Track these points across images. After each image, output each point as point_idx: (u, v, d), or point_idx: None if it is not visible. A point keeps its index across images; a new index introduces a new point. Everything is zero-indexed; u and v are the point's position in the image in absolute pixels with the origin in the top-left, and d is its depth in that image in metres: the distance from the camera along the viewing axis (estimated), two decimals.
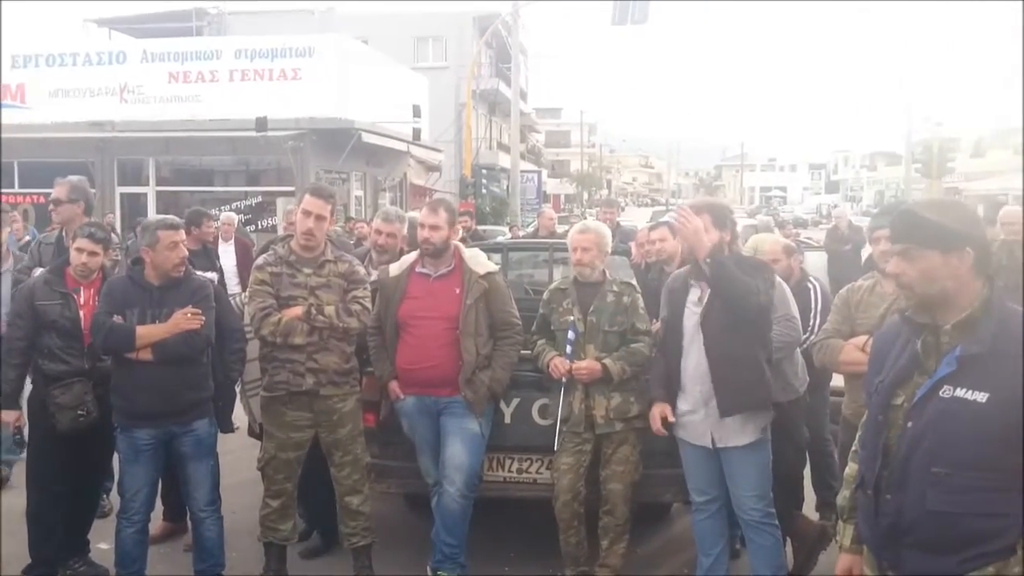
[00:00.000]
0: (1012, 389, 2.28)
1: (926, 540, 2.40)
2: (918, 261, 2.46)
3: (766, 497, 4.24)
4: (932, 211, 2.49)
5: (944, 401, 2.37)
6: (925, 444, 2.39)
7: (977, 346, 2.36)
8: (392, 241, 5.50)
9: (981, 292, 2.42)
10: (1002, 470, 2.30)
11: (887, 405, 2.53)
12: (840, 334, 4.08)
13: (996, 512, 2.32)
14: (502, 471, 4.94)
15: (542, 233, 10.84)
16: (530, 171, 45.20)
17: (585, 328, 4.63)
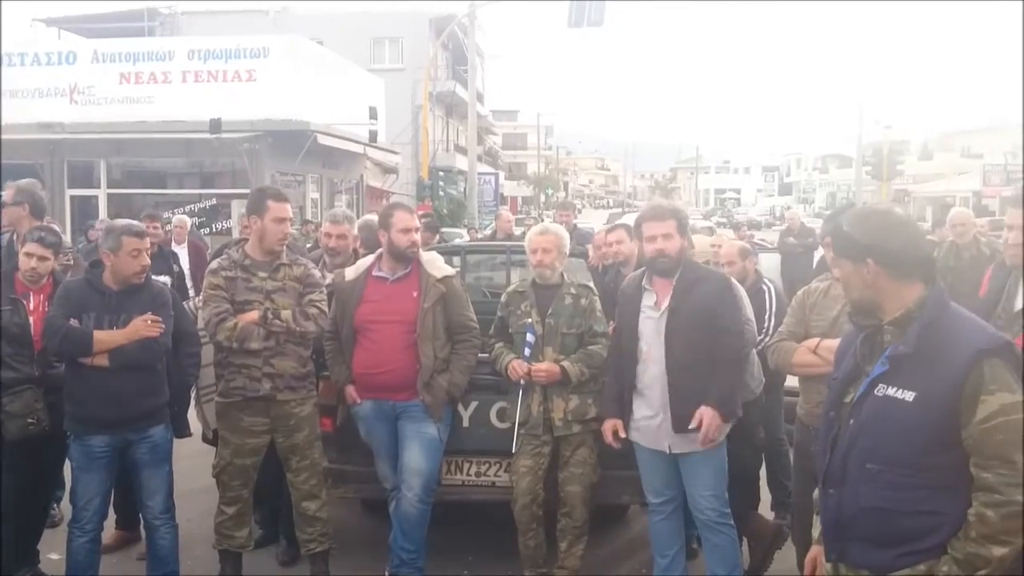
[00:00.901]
0: (935, 389, 2.34)
1: (865, 534, 2.47)
2: (840, 268, 2.59)
3: (722, 497, 4.28)
4: (848, 222, 2.57)
5: (877, 399, 2.44)
6: (861, 441, 2.46)
7: (904, 346, 2.42)
8: (343, 243, 5.46)
9: (918, 293, 2.47)
10: (930, 468, 2.36)
11: (839, 402, 2.59)
12: (794, 336, 4.13)
13: (926, 510, 2.37)
14: (460, 475, 4.93)
15: (500, 235, 10.86)
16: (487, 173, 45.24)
17: (543, 330, 4.64)
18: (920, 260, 2.52)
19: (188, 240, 10.09)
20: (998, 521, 2.26)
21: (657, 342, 4.21)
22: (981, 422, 2.29)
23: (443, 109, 41.60)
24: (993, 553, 2.27)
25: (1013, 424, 2.28)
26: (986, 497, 2.28)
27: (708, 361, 4.15)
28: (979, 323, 2.51)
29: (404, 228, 4.65)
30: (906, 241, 2.50)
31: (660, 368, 4.20)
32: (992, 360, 2.33)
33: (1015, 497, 2.25)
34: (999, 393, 2.30)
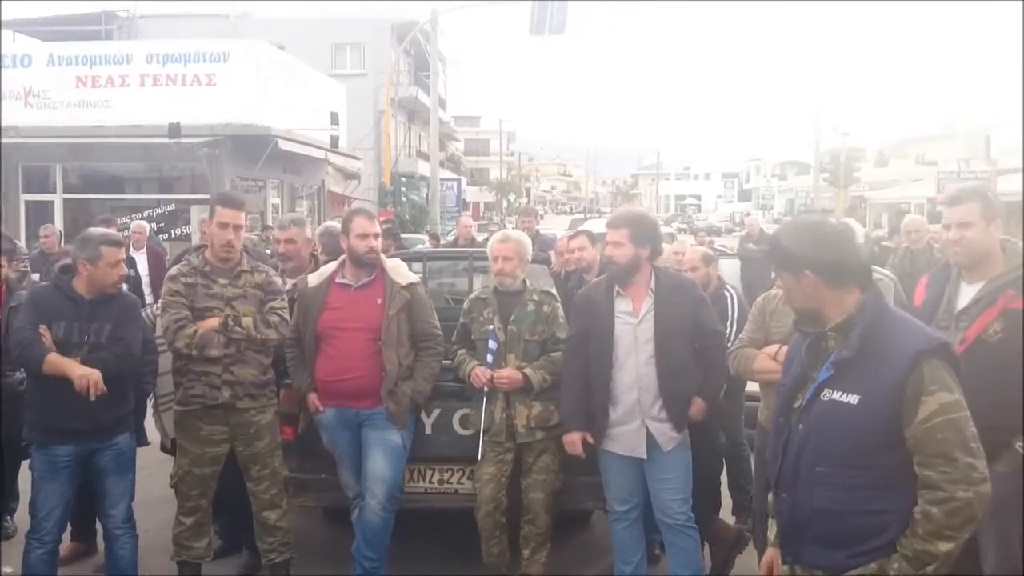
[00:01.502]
0: (878, 391, 2.41)
1: (818, 535, 2.53)
2: (782, 280, 2.67)
3: (688, 501, 4.32)
4: (783, 234, 2.68)
5: (824, 403, 2.51)
6: (810, 444, 2.53)
7: (847, 350, 2.49)
8: (292, 247, 5.41)
9: (857, 299, 2.54)
10: (877, 468, 2.43)
11: (788, 408, 2.67)
12: (755, 343, 4.17)
13: (876, 509, 2.44)
14: (423, 482, 4.91)
15: (461, 242, 10.84)
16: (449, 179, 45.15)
17: (506, 337, 4.64)
18: (855, 267, 2.60)
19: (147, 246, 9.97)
20: (943, 517, 2.34)
21: (636, 348, 4.23)
22: (922, 422, 2.37)
23: (405, 115, 41.50)
24: (940, 549, 2.34)
25: (953, 423, 2.37)
26: (930, 495, 2.36)
27: (692, 363, 4.26)
28: (917, 325, 2.59)
29: (362, 234, 4.62)
30: (839, 250, 2.58)
31: (639, 374, 4.22)
32: (931, 361, 2.41)
33: (957, 493, 2.33)
34: (939, 393, 2.38)
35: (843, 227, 2.72)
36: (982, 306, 3.50)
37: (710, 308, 4.40)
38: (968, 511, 2.35)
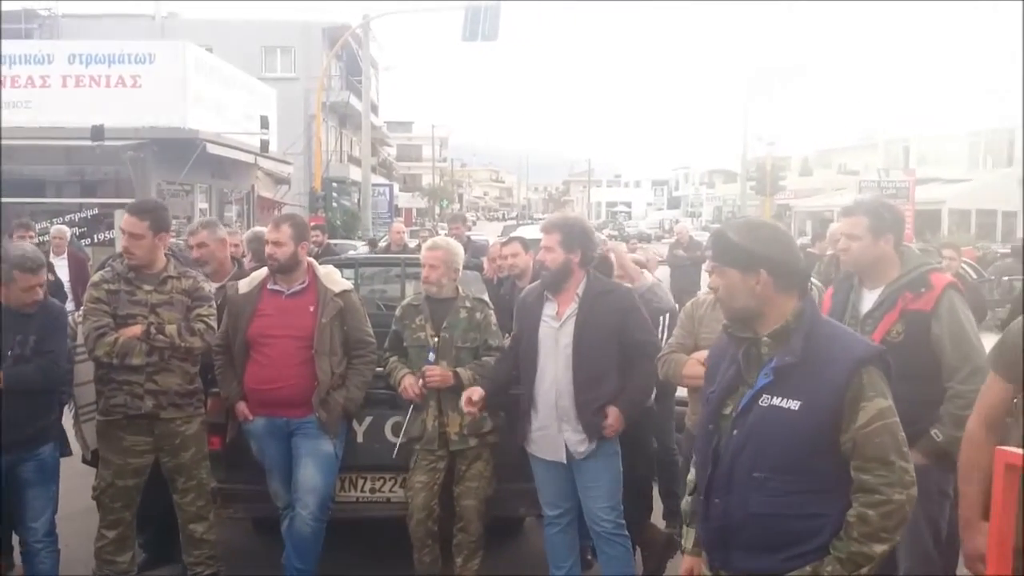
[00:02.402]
0: (820, 397, 2.46)
1: (751, 541, 2.55)
2: (724, 278, 2.65)
3: (618, 508, 4.33)
4: (736, 232, 2.67)
5: (763, 410, 2.53)
6: (747, 450, 2.54)
7: (789, 356, 2.52)
8: (205, 251, 5.30)
9: (794, 305, 2.58)
10: (815, 473, 2.48)
11: (717, 414, 2.67)
12: (684, 348, 4.23)
13: (812, 513, 2.48)
14: (355, 491, 4.86)
15: (394, 248, 10.78)
16: (381, 185, 44.90)
17: (438, 344, 4.61)
18: (801, 274, 2.65)
19: (68, 251, 9.68)
20: (878, 520, 2.39)
21: (555, 352, 4.24)
22: (862, 427, 2.43)
23: (337, 120, 41.16)
24: (875, 550, 2.40)
25: (888, 428, 2.44)
26: (866, 498, 2.41)
27: (614, 371, 4.24)
28: (852, 333, 2.68)
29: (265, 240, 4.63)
30: (792, 254, 2.63)
31: (557, 378, 4.23)
32: (869, 368, 2.48)
33: (894, 496, 2.39)
34: (876, 399, 2.45)
35: (791, 235, 2.79)
36: (884, 309, 3.67)
37: (641, 316, 4.40)
38: (902, 513, 2.42)
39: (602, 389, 4.21)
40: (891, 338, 3.59)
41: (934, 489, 3.56)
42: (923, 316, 3.58)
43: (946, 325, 3.55)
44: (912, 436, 3.44)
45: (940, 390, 3.55)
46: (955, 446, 3.38)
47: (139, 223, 4.44)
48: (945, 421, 3.51)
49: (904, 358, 3.44)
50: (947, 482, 3.54)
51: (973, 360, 3.44)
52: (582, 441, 4.21)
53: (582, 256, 4.30)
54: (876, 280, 3.75)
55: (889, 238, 3.71)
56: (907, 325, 3.60)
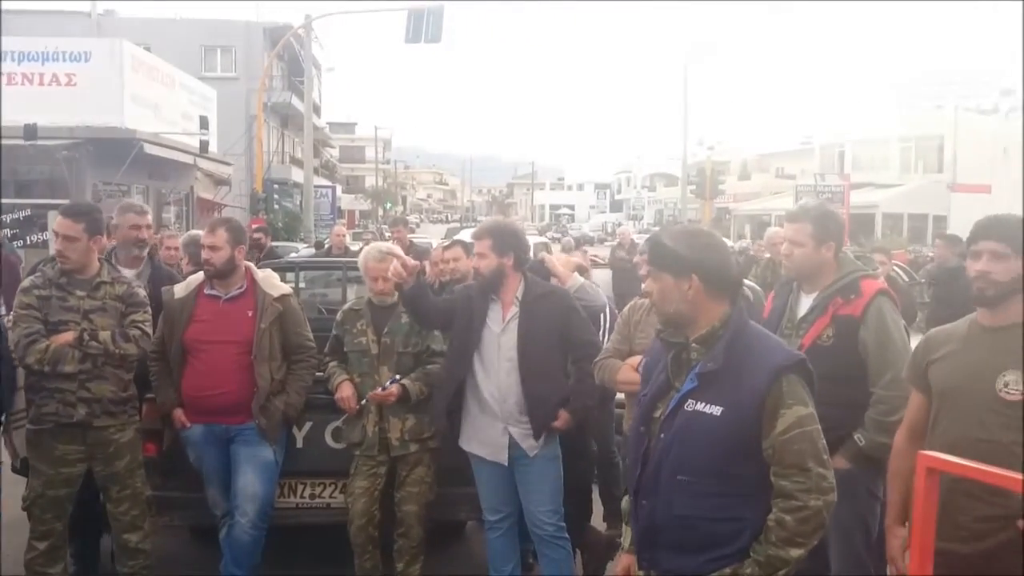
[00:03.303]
0: (741, 403, 2.51)
1: (675, 541, 2.61)
2: (658, 282, 2.70)
3: (559, 511, 4.36)
4: (670, 238, 2.73)
5: (687, 414, 2.58)
6: (672, 453, 2.60)
7: (712, 363, 2.58)
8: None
9: (723, 311, 2.64)
10: (736, 478, 2.54)
11: (648, 417, 2.72)
12: (619, 353, 4.27)
13: (733, 517, 2.54)
14: (294, 497, 4.82)
15: (335, 251, 10.71)
16: (324, 186, 44.49)
17: (379, 349, 4.60)
18: (733, 281, 2.70)
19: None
20: (795, 525, 2.45)
21: (499, 355, 4.26)
22: (780, 434, 2.49)
23: (278, 120, 40.70)
24: (791, 555, 2.45)
25: (807, 435, 2.49)
26: (784, 503, 2.47)
27: (558, 372, 4.29)
28: (776, 341, 2.73)
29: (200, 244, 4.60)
30: (725, 261, 2.68)
31: (501, 380, 4.24)
32: (789, 376, 2.53)
33: (810, 502, 2.45)
34: (795, 407, 2.50)
35: (725, 241, 2.85)
36: (816, 314, 3.75)
37: (581, 318, 4.43)
38: (818, 519, 2.47)
39: (550, 388, 4.24)
40: (821, 342, 3.68)
41: (863, 491, 3.66)
42: (852, 321, 3.67)
43: (873, 331, 3.64)
44: (839, 439, 3.58)
45: (867, 394, 3.64)
46: (877, 450, 3.49)
47: (73, 225, 4.34)
48: (868, 426, 3.60)
49: (833, 362, 3.55)
50: (876, 484, 3.64)
51: (896, 367, 3.52)
52: (529, 439, 4.24)
53: (515, 259, 4.32)
54: (813, 285, 3.83)
55: (831, 246, 3.79)
56: (837, 330, 3.68)
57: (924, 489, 1.86)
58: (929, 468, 1.86)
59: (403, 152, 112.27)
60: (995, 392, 2.83)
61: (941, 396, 3.01)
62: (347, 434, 4.63)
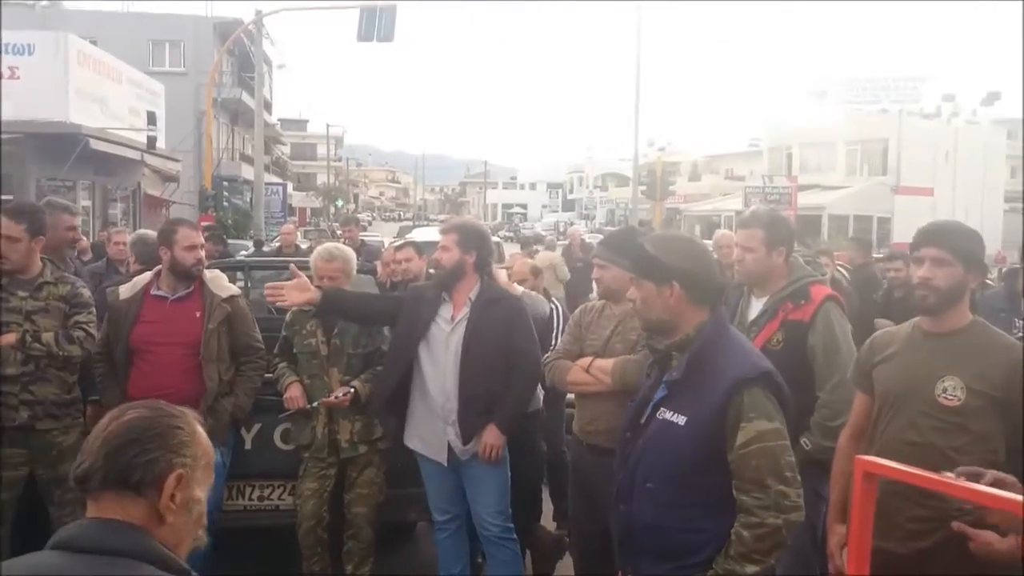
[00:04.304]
0: (702, 414, 2.52)
1: (648, 547, 2.64)
2: (640, 290, 2.72)
3: (505, 512, 4.38)
4: (653, 245, 2.74)
5: (658, 422, 2.61)
6: (643, 461, 2.62)
7: (676, 372, 2.61)
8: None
9: (702, 319, 2.66)
10: (701, 488, 2.54)
11: (635, 423, 2.74)
12: (570, 355, 4.28)
13: (694, 528, 2.55)
14: (242, 499, 4.78)
15: (285, 250, 10.61)
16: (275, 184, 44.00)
17: (329, 351, 4.58)
18: (714, 288, 2.72)
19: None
20: (752, 541, 2.44)
21: (445, 354, 4.26)
22: (740, 447, 2.48)
23: (228, 116, 40.18)
24: (747, 571, 2.44)
25: (768, 450, 2.48)
26: (744, 518, 2.47)
27: (498, 377, 4.25)
28: (745, 352, 2.69)
29: (189, 245, 4.48)
30: (707, 269, 2.71)
31: (445, 381, 4.24)
32: (752, 389, 2.52)
33: (767, 519, 2.44)
34: (757, 421, 2.48)
35: (707, 248, 2.87)
36: (766, 318, 3.81)
37: (525, 325, 4.40)
38: (776, 536, 2.45)
39: (484, 393, 4.22)
40: (771, 346, 3.73)
41: (809, 493, 3.70)
42: (801, 326, 3.72)
43: (820, 336, 3.70)
44: None
45: (815, 399, 3.70)
46: (823, 454, 3.55)
47: (15, 226, 4.26)
48: (813, 430, 3.66)
49: (782, 366, 3.59)
50: (822, 485, 3.71)
51: (840, 372, 3.58)
52: (462, 443, 4.23)
53: (477, 258, 4.32)
54: (764, 289, 3.89)
55: (782, 251, 3.85)
56: (786, 334, 3.73)
57: (861, 492, 1.91)
58: (866, 472, 1.90)
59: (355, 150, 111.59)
60: (934, 397, 2.89)
61: (882, 398, 3.07)
62: (296, 436, 4.61)
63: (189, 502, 1.65)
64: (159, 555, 1.56)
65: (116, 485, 1.60)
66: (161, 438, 1.63)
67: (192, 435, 1.68)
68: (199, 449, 1.69)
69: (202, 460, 1.70)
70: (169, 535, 1.62)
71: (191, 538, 1.69)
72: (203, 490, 1.70)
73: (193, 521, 1.68)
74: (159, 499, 1.60)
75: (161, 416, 1.68)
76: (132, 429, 1.63)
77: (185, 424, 1.68)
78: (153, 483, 1.60)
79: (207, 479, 1.71)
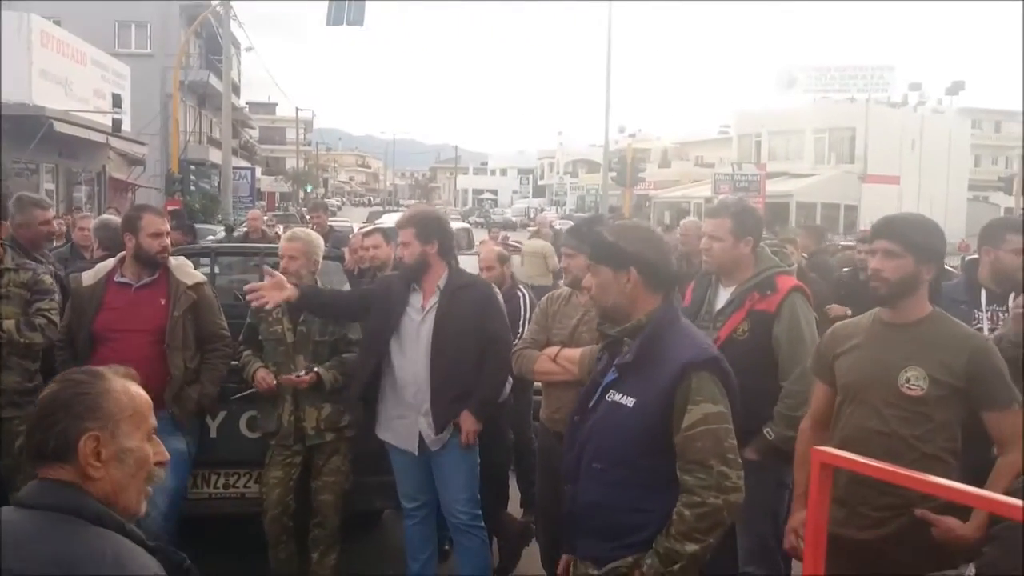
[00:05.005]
0: (650, 397, 2.59)
1: (591, 527, 2.70)
2: (597, 276, 2.76)
3: (474, 500, 4.39)
4: (611, 232, 2.80)
5: (607, 404, 2.68)
6: (591, 442, 2.69)
7: (628, 355, 2.67)
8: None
9: (655, 305, 2.71)
10: (646, 469, 2.61)
11: (584, 407, 2.79)
12: (537, 344, 4.30)
13: (638, 508, 2.62)
14: (208, 487, 4.76)
15: (252, 236, 10.51)
16: (243, 168, 43.63)
17: (295, 338, 4.56)
18: (669, 276, 2.78)
19: None
20: (693, 520, 2.51)
21: (416, 343, 4.26)
22: (686, 429, 2.54)
23: (195, 99, 39.67)
24: (687, 549, 2.50)
25: (712, 433, 2.54)
26: (686, 498, 2.53)
27: (470, 365, 4.25)
28: (695, 338, 2.76)
29: (155, 232, 4.43)
30: (664, 257, 2.76)
31: (416, 370, 4.24)
32: (700, 373, 2.58)
33: (708, 499, 2.50)
34: (703, 404, 2.55)
35: (663, 237, 2.91)
36: (733, 308, 3.86)
37: (496, 312, 4.42)
38: (717, 516, 2.52)
39: (457, 381, 4.21)
40: (737, 335, 3.78)
41: (772, 481, 3.78)
42: (767, 317, 3.77)
43: (785, 327, 3.75)
44: (752, 431, 3.69)
45: (779, 388, 3.75)
46: (786, 443, 3.61)
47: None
48: (776, 420, 3.71)
49: (748, 356, 3.66)
50: (784, 475, 3.76)
51: (804, 362, 3.63)
52: (435, 432, 4.24)
53: (439, 246, 4.31)
54: (731, 279, 3.92)
55: (749, 240, 3.88)
56: (752, 324, 3.78)
57: (818, 483, 1.94)
58: (823, 463, 1.94)
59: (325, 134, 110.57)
60: (897, 387, 2.95)
61: (845, 389, 3.13)
62: (262, 424, 4.59)
63: (119, 453, 1.76)
64: (92, 510, 1.70)
65: (40, 457, 1.74)
66: (65, 408, 1.73)
67: (102, 395, 1.77)
68: (114, 406, 1.77)
69: (123, 413, 1.78)
70: (106, 487, 1.75)
71: (137, 481, 1.81)
72: (135, 438, 1.79)
73: (132, 468, 1.79)
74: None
75: (66, 387, 1.77)
76: (41, 406, 1.76)
77: (92, 388, 1.77)
78: (69, 449, 1.72)
79: (136, 427, 1.80)
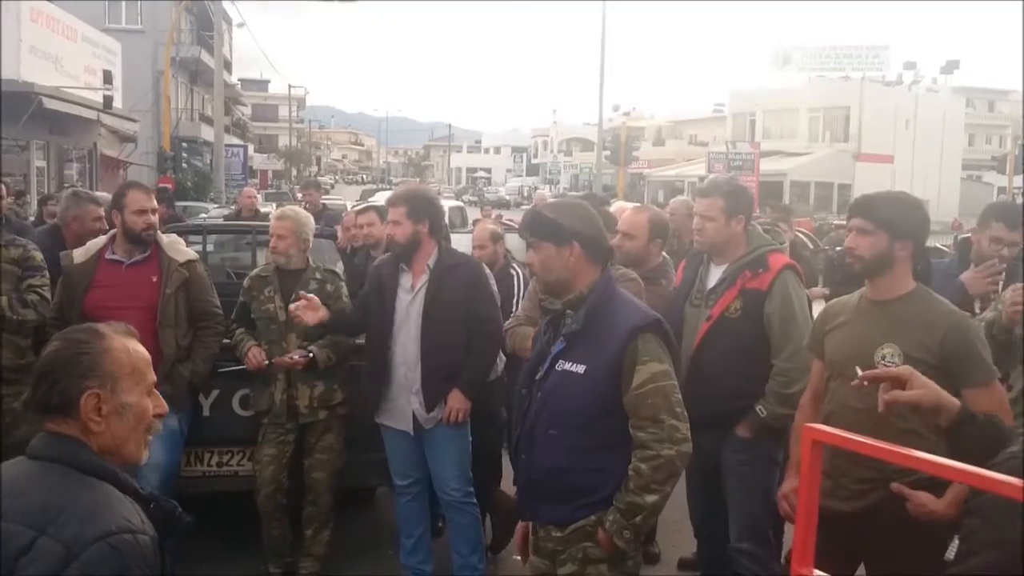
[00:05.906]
0: (601, 362, 2.75)
1: (549, 493, 2.85)
2: (539, 252, 2.90)
3: (466, 477, 4.42)
4: (551, 210, 2.98)
5: (558, 374, 2.82)
6: (545, 411, 2.83)
7: (575, 324, 2.81)
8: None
9: (594, 277, 2.86)
10: (601, 431, 2.78)
11: (531, 379, 2.94)
12: (531, 321, 4.31)
13: (597, 468, 2.79)
14: (201, 465, 4.77)
15: (245, 214, 10.45)
16: (235, 145, 43.36)
17: (287, 316, 4.55)
18: (606, 248, 2.97)
19: None
20: (650, 473, 2.69)
21: (407, 323, 4.26)
22: (636, 388, 2.71)
23: (187, 76, 39.43)
24: (647, 500, 2.69)
25: (661, 389, 2.72)
26: (641, 453, 2.71)
27: (460, 344, 4.27)
28: (636, 304, 2.96)
29: (139, 209, 4.40)
30: (600, 231, 2.93)
31: (407, 349, 4.25)
32: (645, 335, 2.76)
33: (663, 451, 2.69)
34: (650, 363, 2.73)
35: (597, 214, 3.06)
36: (725, 286, 3.87)
37: (486, 292, 4.41)
38: (671, 467, 2.71)
39: (447, 360, 4.23)
40: (729, 314, 3.80)
41: (764, 458, 3.81)
42: (759, 295, 3.78)
43: (777, 305, 3.76)
44: (744, 408, 3.73)
45: (771, 366, 3.76)
46: (777, 421, 3.65)
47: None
48: (768, 398, 3.73)
49: (739, 333, 3.71)
50: (776, 451, 3.80)
51: (795, 340, 3.65)
52: (426, 411, 4.25)
53: (430, 225, 4.30)
54: (723, 258, 3.93)
55: (741, 219, 3.90)
56: (744, 303, 3.80)
57: (808, 459, 1.95)
58: (813, 440, 1.94)
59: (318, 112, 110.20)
60: (873, 364, 2.97)
61: (831, 365, 3.19)
62: (255, 401, 4.59)
63: (119, 408, 1.86)
64: (87, 461, 1.81)
65: (43, 411, 1.85)
66: (66, 367, 1.83)
67: (103, 353, 1.85)
68: (113, 364, 1.86)
69: (123, 371, 1.87)
70: (106, 439, 1.86)
71: (137, 433, 1.92)
72: (135, 393, 1.89)
73: (132, 421, 1.89)
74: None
75: (68, 345, 1.86)
76: (43, 363, 1.86)
77: (93, 347, 1.85)
78: (71, 405, 1.81)
79: (136, 383, 1.89)
